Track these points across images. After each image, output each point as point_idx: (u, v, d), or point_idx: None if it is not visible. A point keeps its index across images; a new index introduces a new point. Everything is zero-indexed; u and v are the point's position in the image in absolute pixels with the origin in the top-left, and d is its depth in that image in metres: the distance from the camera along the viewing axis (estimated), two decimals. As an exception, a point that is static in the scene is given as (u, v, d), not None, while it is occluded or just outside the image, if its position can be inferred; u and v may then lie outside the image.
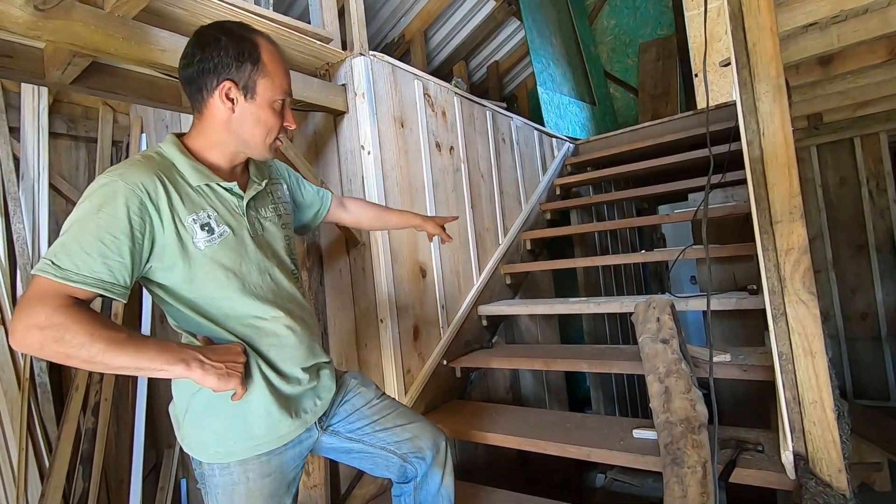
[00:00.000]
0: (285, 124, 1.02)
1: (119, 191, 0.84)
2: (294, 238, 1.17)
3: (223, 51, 0.93)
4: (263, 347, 0.99)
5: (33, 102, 2.33)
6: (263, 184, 1.07)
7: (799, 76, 2.39)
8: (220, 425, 0.96)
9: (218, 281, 0.94)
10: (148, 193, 0.86)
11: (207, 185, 0.96)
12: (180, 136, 1.00)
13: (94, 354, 0.78)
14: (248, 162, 1.08)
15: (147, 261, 0.89)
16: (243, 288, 0.96)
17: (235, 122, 0.96)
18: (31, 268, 2.22)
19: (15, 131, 2.30)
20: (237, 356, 0.92)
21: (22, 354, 2.15)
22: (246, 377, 0.95)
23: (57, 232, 2.46)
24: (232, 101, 0.95)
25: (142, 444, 2.41)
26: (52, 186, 2.40)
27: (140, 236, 0.85)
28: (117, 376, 2.40)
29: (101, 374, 2.32)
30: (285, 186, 1.20)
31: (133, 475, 2.38)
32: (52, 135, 2.41)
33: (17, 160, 2.29)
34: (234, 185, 0.99)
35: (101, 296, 0.83)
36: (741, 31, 1.23)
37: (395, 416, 1.21)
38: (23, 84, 2.30)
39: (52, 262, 0.79)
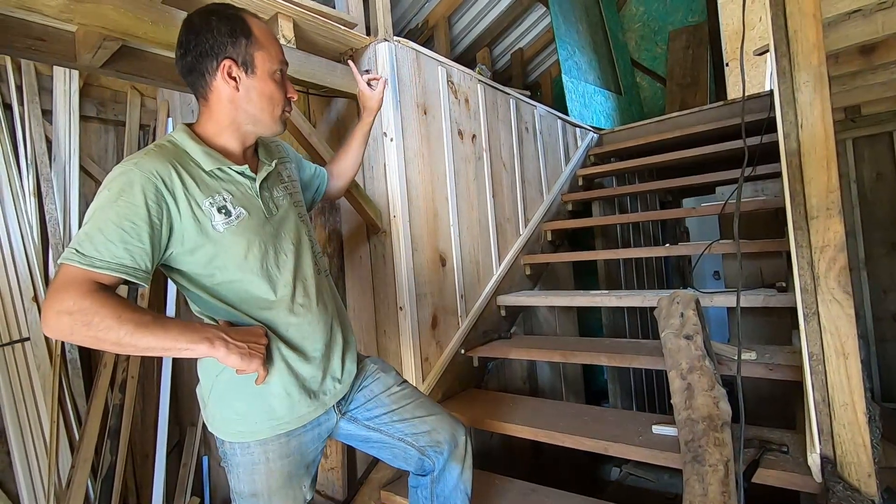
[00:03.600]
0: (288, 95, 1.03)
1: (135, 179, 0.86)
2: (308, 217, 1.18)
3: (216, 31, 0.94)
4: (281, 328, 1.00)
5: (64, 85, 2.38)
6: (273, 164, 1.07)
7: (838, 66, 2.29)
8: (243, 405, 0.99)
9: (237, 262, 0.95)
10: (163, 180, 0.88)
11: (220, 168, 0.97)
12: (190, 125, 1.02)
13: (121, 336, 0.80)
14: (256, 145, 1.09)
15: (167, 247, 0.90)
16: (261, 268, 0.97)
17: (242, 99, 0.97)
18: (63, 248, 2.30)
19: (47, 114, 2.36)
20: (259, 338, 0.94)
21: (53, 331, 2.23)
22: (267, 359, 0.96)
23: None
24: (235, 79, 0.96)
25: (166, 421, 2.49)
26: (82, 168, 2.46)
27: (158, 222, 0.87)
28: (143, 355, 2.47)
29: (128, 353, 2.39)
30: (293, 165, 1.21)
31: (158, 450, 2.46)
32: (83, 118, 2.47)
33: (49, 142, 2.35)
34: (245, 168, 1.00)
35: (125, 281, 0.85)
36: (782, 18, 1.17)
37: (414, 407, 1.20)
38: (55, 67, 2.35)
39: (77, 251, 0.82)
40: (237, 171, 0.99)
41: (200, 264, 0.94)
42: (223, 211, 0.94)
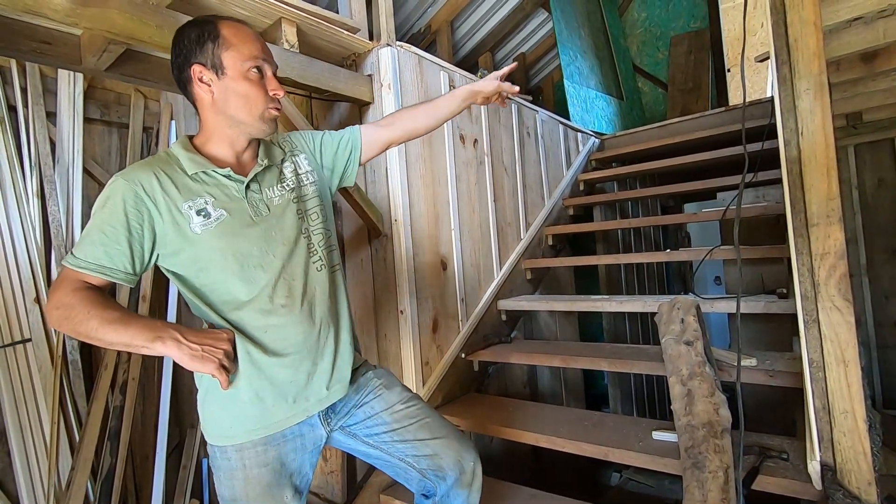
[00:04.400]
0: (272, 92, 1.01)
1: (119, 187, 0.93)
2: (322, 208, 1.12)
3: (186, 40, 0.99)
4: (257, 330, 0.98)
5: (69, 88, 2.39)
6: (265, 163, 1.05)
7: (839, 73, 2.29)
8: (218, 409, 1.00)
9: (217, 263, 0.96)
10: (143, 187, 0.94)
11: (204, 172, 0.99)
12: (191, 136, 1.06)
13: (90, 330, 0.87)
14: (259, 145, 1.08)
15: (152, 249, 0.96)
16: (241, 269, 0.97)
17: (219, 102, 0.99)
18: (65, 248, 2.31)
19: (51, 116, 2.37)
20: (218, 342, 0.92)
21: (55, 333, 2.24)
22: (234, 364, 0.95)
23: (89, 215, 2.54)
24: (207, 83, 0.98)
25: (166, 423, 2.49)
26: (85, 171, 2.47)
27: (138, 226, 0.93)
28: (144, 357, 2.47)
29: (129, 354, 2.39)
30: (304, 156, 1.15)
31: (157, 452, 2.46)
32: (87, 120, 2.48)
33: (52, 144, 2.36)
34: (229, 171, 1.00)
35: (108, 281, 0.93)
36: (782, 26, 1.18)
37: (418, 428, 1.14)
38: (59, 70, 2.37)
39: (72, 253, 0.92)
40: (222, 175, 1.00)
41: (185, 265, 0.97)
42: (202, 213, 0.96)
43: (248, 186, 1.02)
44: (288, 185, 1.08)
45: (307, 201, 1.10)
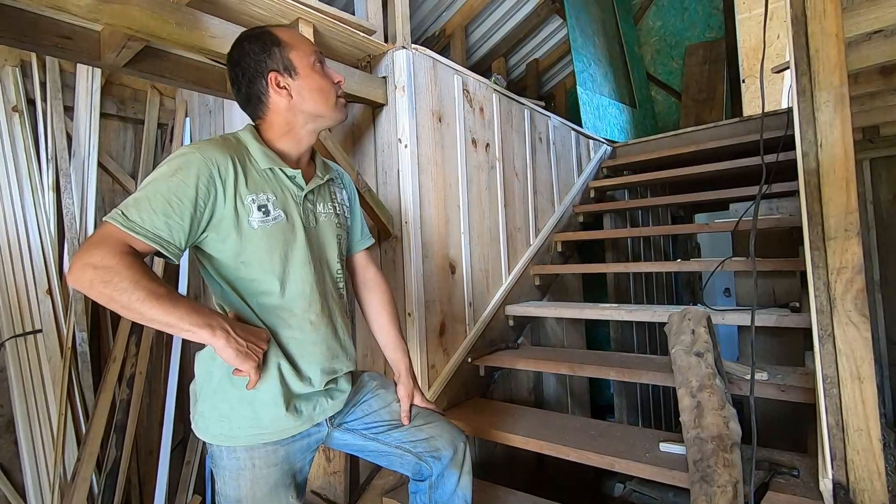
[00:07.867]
0: (335, 81, 1.07)
1: (194, 161, 0.90)
2: (345, 241, 1.19)
3: (251, 53, 1.01)
4: (284, 339, 1.01)
5: (87, 83, 2.42)
6: (325, 178, 1.11)
7: (857, 86, 2.27)
8: (227, 408, 0.98)
9: (262, 262, 0.97)
10: (219, 168, 0.92)
11: (272, 169, 1.00)
12: (255, 127, 1.07)
13: (132, 301, 0.80)
14: (313, 156, 1.13)
15: (204, 229, 0.93)
16: (283, 273, 0.99)
17: (297, 103, 1.02)
18: (78, 241, 2.33)
19: (69, 111, 2.40)
20: (260, 341, 0.94)
21: (65, 324, 2.26)
22: (262, 366, 0.96)
23: (103, 209, 2.57)
24: (285, 87, 1.01)
25: (172, 418, 2.50)
26: (100, 165, 2.50)
27: (203, 205, 0.91)
28: (151, 351, 2.49)
29: (137, 348, 2.41)
30: (345, 195, 1.23)
31: (162, 447, 2.47)
32: (103, 115, 2.51)
33: (69, 138, 2.39)
34: (297, 174, 1.03)
35: (157, 252, 0.88)
36: (803, 37, 1.17)
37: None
38: (78, 65, 2.40)
39: (123, 213, 0.85)
40: (288, 176, 1.02)
41: (229, 256, 0.96)
42: (262, 209, 0.97)
43: (305, 195, 1.05)
44: (337, 208, 1.15)
45: (342, 228, 1.16)
